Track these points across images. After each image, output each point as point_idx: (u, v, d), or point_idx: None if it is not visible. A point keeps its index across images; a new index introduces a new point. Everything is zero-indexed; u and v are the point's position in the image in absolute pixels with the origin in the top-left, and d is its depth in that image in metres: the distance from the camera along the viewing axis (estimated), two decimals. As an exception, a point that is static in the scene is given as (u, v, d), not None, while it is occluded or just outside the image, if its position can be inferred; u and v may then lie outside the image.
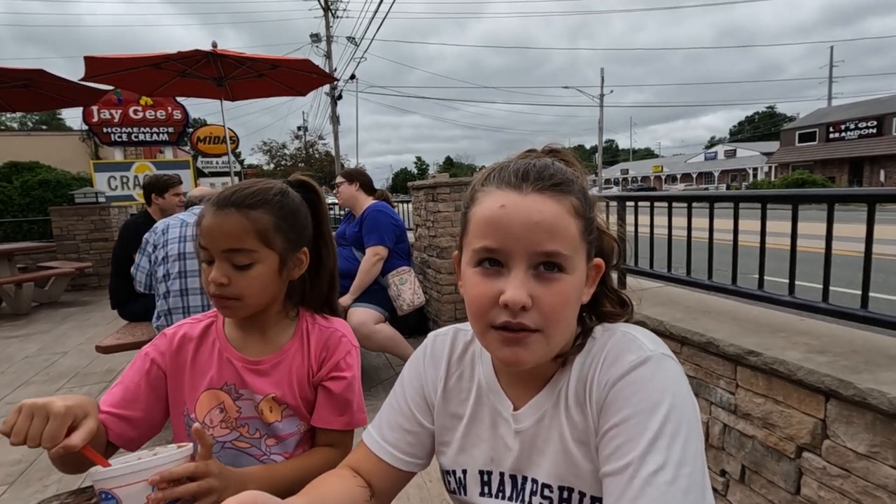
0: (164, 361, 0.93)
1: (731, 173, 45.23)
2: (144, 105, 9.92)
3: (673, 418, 0.51)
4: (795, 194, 1.69)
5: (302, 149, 29.36)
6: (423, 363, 0.74)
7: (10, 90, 5.52)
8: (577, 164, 0.65)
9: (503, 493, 0.64)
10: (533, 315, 0.54)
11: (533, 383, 0.64)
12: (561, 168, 0.58)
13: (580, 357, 0.61)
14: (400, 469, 0.72)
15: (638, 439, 0.50)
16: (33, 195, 8.25)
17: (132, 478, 0.62)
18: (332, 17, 19.95)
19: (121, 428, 0.84)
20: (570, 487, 0.58)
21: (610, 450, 0.52)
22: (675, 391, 0.53)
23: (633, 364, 0.55)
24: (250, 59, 4.88)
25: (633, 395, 0.53)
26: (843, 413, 1.27)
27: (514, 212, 0.54)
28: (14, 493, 2.10)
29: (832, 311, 1.55)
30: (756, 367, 1.50)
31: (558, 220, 0.54)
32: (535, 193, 0.54)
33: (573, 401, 0.60)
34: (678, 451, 0.49)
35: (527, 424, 0.63)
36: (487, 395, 0.67)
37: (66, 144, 14.61)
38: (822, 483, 1.33)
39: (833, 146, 30.41)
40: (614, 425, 0.53)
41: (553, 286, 0.54)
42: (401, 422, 0.73)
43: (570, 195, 0.56)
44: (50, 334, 4.60)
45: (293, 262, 0.93)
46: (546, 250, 0.53)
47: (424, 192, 3.97)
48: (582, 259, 0.57)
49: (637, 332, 0.61)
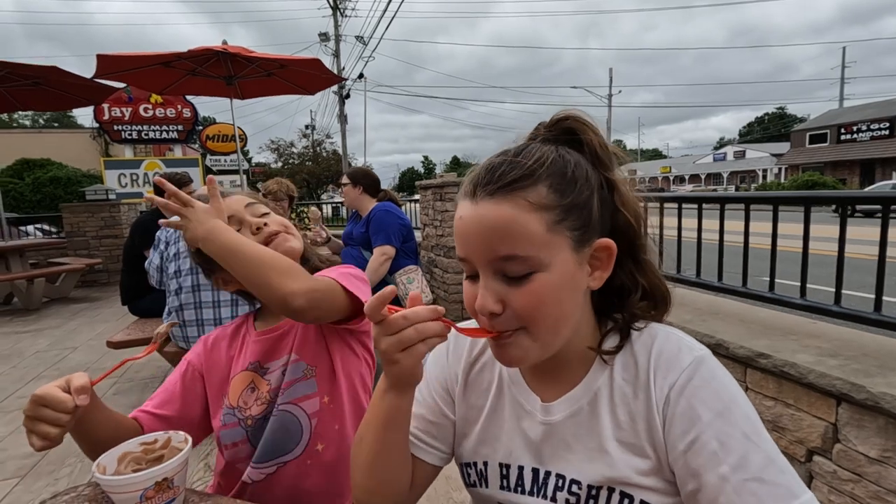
0: (200, 361, 1.01)
1: (739, 174, 44.88)
2: (154, 103, 10.01)
3: (748, 412, 0.53)
4: (808, 196, 1.68)
5: (309, 147, 29.44)
6: (445, 355, 0.75)
7: (22, 88, 5.59)
8: (588, 128, 0.60)
9: (522, 487, 0.63)
10: (508, 317, 0.55)
11: (563, 379, 0.63)
12: (517, 162, 0.54)
13: (620, 357, 0.60)
14: (424, 461, 0.72)
15: (729, 442, 0.50)
16: (44, 192, 8.35)
17: (128, 488, 0.64)
18: (340, 15, 19.99)
19: (154, 424, 0.91)
20: (599, 486, 0.57)
21: (704, 458, 0.51)
22: (735, 386, 0.55)
23: (693, 366, 0.55)
24: (260, 59, 4.91)
25: (706, 398, 0.53)
26: (855, 417, 1.26)
27: (469, 222, 0.54)
28: (26, 485, 2.13)
29: (845, 314, 1.54)
30: (766, 370, 1.49)
31: (510, 222, 0.52)
32: (485, 199, 0.53)
33: (620, 401, 0.59)
34: (767, 440, 0.51)
35: (558, 418, 0.62)
36: (509, 388, 0.67)
37: (77, 142, 14.76)
38: (833, 487, 1.32)
39: (844, 148, 30.08)
40: (700, 434, 0.52)
41: (524, 287, 0.53)
42: (424, 413, 0.73)
43: (526, 190, 0.52)
44: (60, 329, 4.66)
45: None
46: (502, 255, 0.53)
47: (432, 191, 3.97)
48: (561, 250, 0.54)
49: (673, 329, 0.60)
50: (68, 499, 0.73)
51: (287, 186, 3.98)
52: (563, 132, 0.60)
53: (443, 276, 3.84)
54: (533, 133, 0.63)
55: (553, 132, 0.61)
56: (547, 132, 0.61)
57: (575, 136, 0.60)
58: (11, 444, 2.49)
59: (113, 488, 0.64)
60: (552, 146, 0.57)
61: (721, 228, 2.00)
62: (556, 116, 0.62)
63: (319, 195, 23.49)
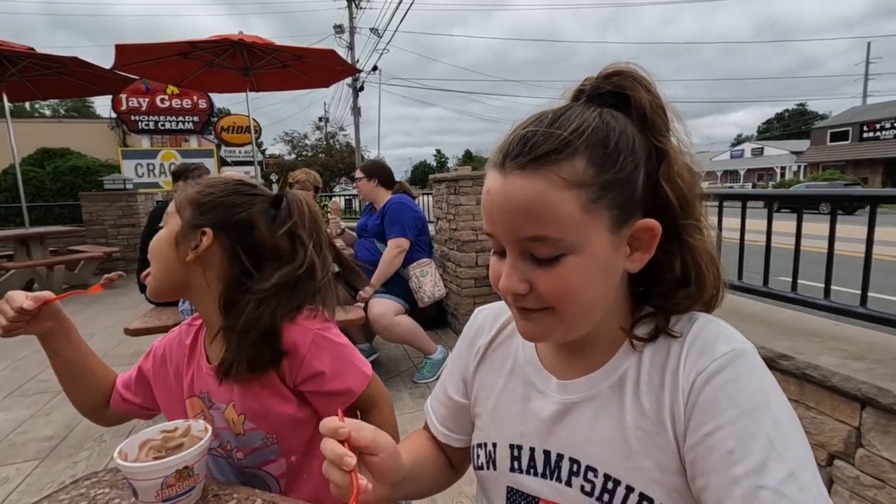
0: (149, 370, 0.99)
1: (757, 172, 44.09)
2: (171, 94, 10.12)
3: (782, 419, 0.46)
4: (834, 194, 1.63)
5: (323, 139, 29.55)
6: (467, 336, 0.74)
7: (45, 77, 5.68)
8: (639, 85, 0.52)
9: (535, 469, 0.60)
10: (534, 298, 0.51)
11: (586, 358, 0.58)
12: (552, 133, 0.47)
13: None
14: (455, 447, 0.73)
15: (750, 444, 0.45)
16: (64, 181, 8.48)
17: (150, 475, 0.65)
18: (355, 7, 19.97)
19: (119, 403, 0.99)
20: (616, 479, 0.53)
21: (717, 455, 0.46)
22: (776, 389, 0.49)
23: (728, 357, 0.49)
24: (276, 49, 4.92)
25: (735, 394, 0.47)
26: (881, 422, 1.23)
27: (496, 197, 0.49)
28: (45, 467, 2.18)
29: (872, 316, 1.50)
30: (788, 372, 1.46)
31: (539, 201, 0.46)
32: (514, 173, 0.48)
33: (646, 387, 0.53)
34: (796, 456, 0.45)
35: (575, 398, 0.57)
36: (523, 367, 0.65)
37: (96, 132, 14.97)
38: (855, 493, 1.29)
39: (866, 146, 29.35)
40: (718, 428, 0.46)
41: (551, 270, 0.49)
42: (444, 412, 0.74)
43: (560, 164, 0.47)
44: (79, 316, 4.74)
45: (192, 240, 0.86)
46: (529, 236, 0.48)
47: (446, 184, 3.96)
48: (596, 231, 0.48)
49: (718, 319, 0.54)
50: (89, 484, 0.74)
51: (314, 177, 4.04)
52: (611, 89, 0.53)
53: (455, 269, 3.83)
54: (578, 89, 0.56)
55: (600, 89, 0.53)
56: (593, 89, 0.54)
57: (625, 95, 0.52)
58: (32, 427, 2.55)
59: (135, 475, 0.65)
60: (596, 110, 0.51)
61: (742, 227, 1.96)
62: (605, 71, 0.54)
63: (333, 187, 23.60)
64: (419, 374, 3.04)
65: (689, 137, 0.54)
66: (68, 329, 0.92)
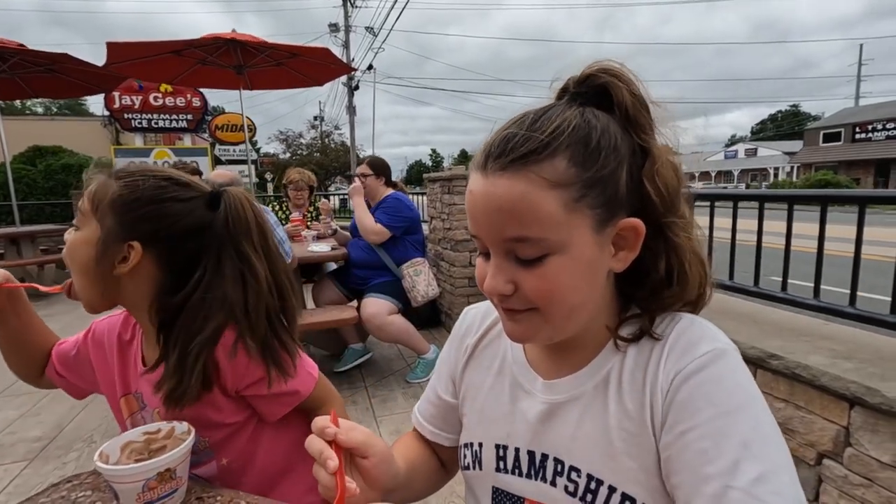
0: (87, 350, 0.95)
1: (751, 172, 44.34)
2: (164, 92, 10.04)
3: (759, 422, 0.46)
4: (825, 195, 1.64)
5: (318, 138, 29.47)
6: (456, 335, 0.74)
7: (34, 75, 5.61)
8: (620, 84, 0.51)
9: (519, 469, 0.59)
10: (520, 299, 0.51)
11: (571, 358, 0.58)
12: (532, 134, 0.47)
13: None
14: (444, 445, 0.73)
15: (723, 444, 0.44)
16: (56, 179, 8.43)
17: (131, 478, 0.64)
18: (350, 6, 19.91)
19: (59, 382, 0.99)
20: (599, 479, 0.53)
21: (690, 454, 0.46)
22: (756, 391, 0.48)
23: (709, 357, 0.48)
24: (269, 47, 4.90)
25: (713, 394, 0.47)
26: (869, 421, 1.23)
27: (478, 199, 0.50)
28: (34, 468, 2.15)
29: (861, 316, 1.51)
30: (777, 371, 1.46)
31: (521, 202, 0.46)
32: (496, 174, 0.48)
33: (628, 387, 0.53)
34: (771, 459, 0.44)
35: (560, 398, 0.57)
36: (511, 367, 0.64)
37: (89, 130, 14.86)
38: (843, 492, 1.30)
39: (859, 147, 29.59)
40: (693, 428, 0.46)
41: (536, 271, 0.49)
42: (434, 411, 0.74)
43: (541, 164, 0.46)
44: (70, 315, 4.69)
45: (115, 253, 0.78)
46: (512, 236, 0.48)
47: (440, 184, 3.95)
48: (580, 230, 0.48)
49: (702, 319, 0.54)
50: (70, 486, 0.73)
51: (308, 177, 4.01)
52: (593, 89, 0.53)
53: (449, 269, 3.82)
54: (562, 88, 0.55)
55: (583, 88, 0.53)
56: (577, 88, 0.54)
57: (608, 93, 0.52)
58: (21, 427, 2.52)
59: (115, 478, 0.64)
60: (577, 109, 0.50)
61: (734, 227, 1.96)
62: (588, 70, 0.53)
63: (327, 187, 23.53)
64: (412, 373, 3.04)
65: (676, 136, 0.54)
66: (18, 307, 0.93)
